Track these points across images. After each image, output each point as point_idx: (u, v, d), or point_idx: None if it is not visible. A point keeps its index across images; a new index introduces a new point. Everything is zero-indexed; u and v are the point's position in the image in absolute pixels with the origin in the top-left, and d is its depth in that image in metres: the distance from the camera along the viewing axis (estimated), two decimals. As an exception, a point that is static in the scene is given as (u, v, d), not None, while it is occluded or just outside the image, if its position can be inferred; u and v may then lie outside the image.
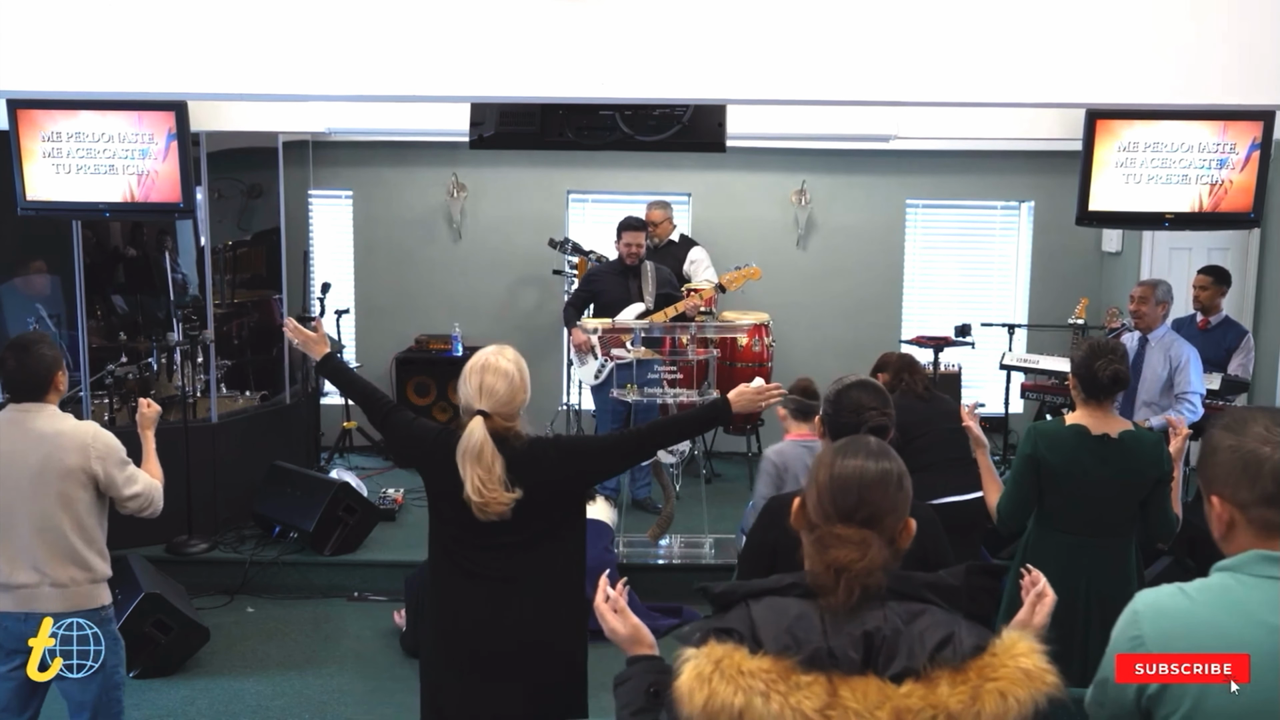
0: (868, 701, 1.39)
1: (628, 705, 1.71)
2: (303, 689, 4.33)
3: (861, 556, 1.48)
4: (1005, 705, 1.39)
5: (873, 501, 1.54)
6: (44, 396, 3.08)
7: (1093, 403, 3.21)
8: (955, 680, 1.40)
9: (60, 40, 3.55)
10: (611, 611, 1.86)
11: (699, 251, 6.75)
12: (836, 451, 1.62)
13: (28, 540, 3.01)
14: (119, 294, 6.20)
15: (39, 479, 3.01)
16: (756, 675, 1.39)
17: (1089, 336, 3.91)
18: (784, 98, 3.59)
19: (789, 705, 1.38)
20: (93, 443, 3.07)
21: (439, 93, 3.64)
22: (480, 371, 2.62)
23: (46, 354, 3.08)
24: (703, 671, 1.41)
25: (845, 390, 2.49)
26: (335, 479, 5.71)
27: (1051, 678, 1.43)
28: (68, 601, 3.04)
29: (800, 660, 1.40)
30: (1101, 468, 3.15)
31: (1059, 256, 7.41)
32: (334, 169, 7.34)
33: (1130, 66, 3.44)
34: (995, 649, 1.44)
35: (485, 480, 2.51)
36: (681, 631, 1.49)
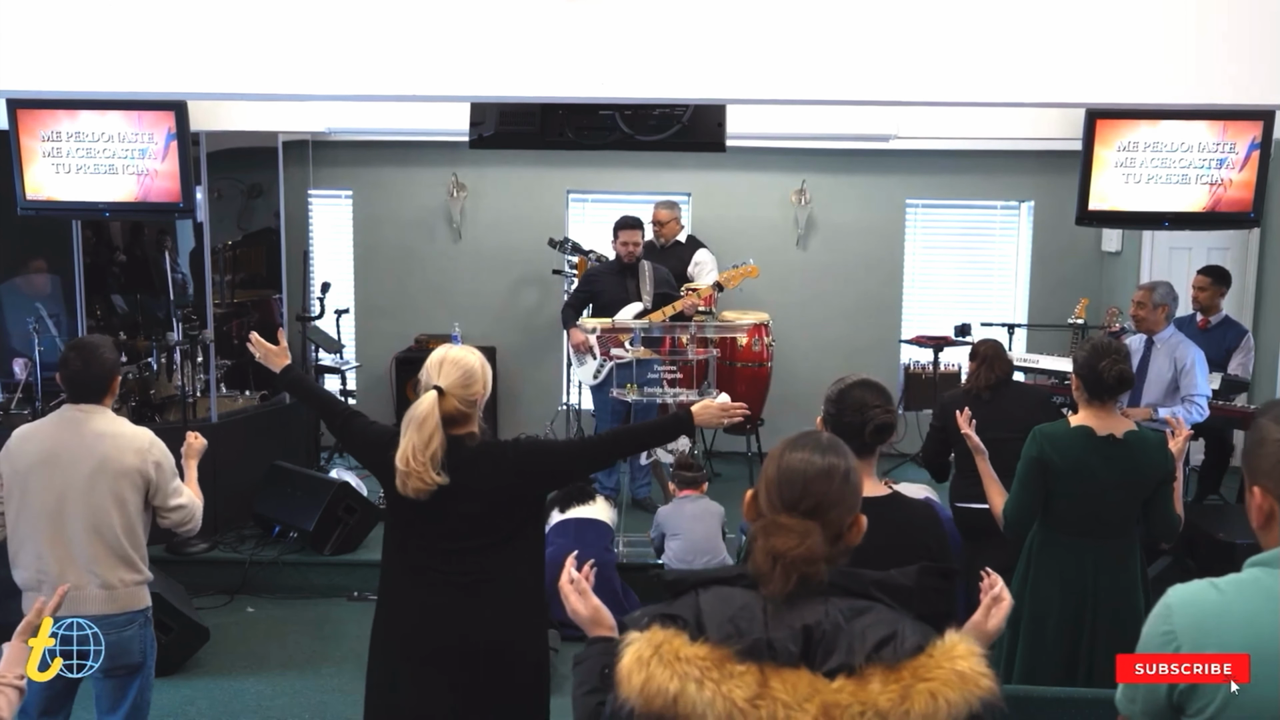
0: (797, 694, 1.40)
1: (582, 684, 1.74)
2: (303, 689, 4.33)
3: (799, 544, 1.50)
4: (935, 706, 1.39)
5: (816, 493, 1.56)
6: (102, 399, 3.11)
7: (1096, 403, 3.20)
8: (888, 678, 1.41)
9: (60, 40, 3.55)
10: (575, 592, 1.89)
11: (704, 254, 6.73)
12: (786, 444, 1.65)
13: (81, 540, 3.03)
14: (119, 294, 6.20)
15: (95, 478, 3.03)
16: (692, 662, 1.41)
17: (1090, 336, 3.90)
18: (784, 98, 3.58)
19: (720, 693, 1.40)
20: (150, 447, 3.11)
21: (439, 93, 3.64)
22: (441, 356, 2.62)
23: (109, 357, 3.11)
24: (642, 655, 1.43)
25: (848, 390, 2.49)
26: (335, 479, 5.70)
27: (987, 681, 1.42)
28: (115, 603, 3.06)
29: (738, 650, 1.42)
30: (1108, 469, 3.14)
31: (1059, 256, 7.41)
32: (334, 169, 7.34)
33: (1130, 66, 3.44)
34: (933, 650, 1.44)
35: (417, 449, 2.47)
36: (631, 616, 1.51)
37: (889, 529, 2.15)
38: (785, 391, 6.91)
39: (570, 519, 4.90)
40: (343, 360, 7.01)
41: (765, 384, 6.81)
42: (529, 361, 7.49)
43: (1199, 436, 5.71)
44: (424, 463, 2.48)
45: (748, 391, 6.75)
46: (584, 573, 1.94)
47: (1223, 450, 5.78)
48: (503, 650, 2.63)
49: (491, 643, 2.61)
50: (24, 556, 3.05)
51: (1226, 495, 5.87)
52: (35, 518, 3.03)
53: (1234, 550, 4.48)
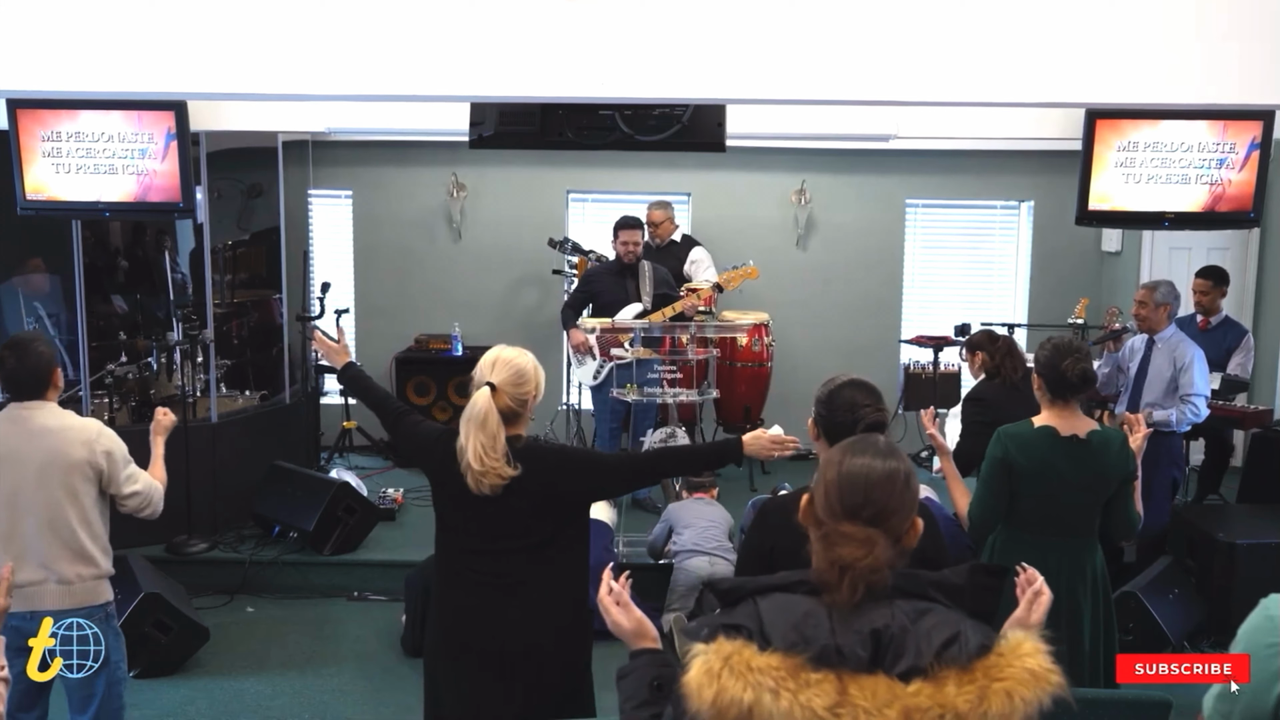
0: (877, 700, 1.39)
1: (631, 698, 1.71)
2: (303, 689, 4.33)
3: (866, 554, 1.48)
4: (1011, 705, 1.40)
5: (879, 500, 1.54)
6: (44, 394, 3.11)
7: (1060, 403, 3.18)
8: (962, 680, 1.41)
9: (60, 40, 3.55)
10: (615, 605, 1.86)
11: (700, 251, 6.75)
12: (845, 449, 1.62)
13: (34, 536, 3.03)
14: (119, 294, 6.19)
15: (45, 473, 3.03)
16: (766, 672, 1.39)
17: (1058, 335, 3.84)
18: (784, 98, 3.58)
19: (798, 703, 1.38)
20: (98, 437, 3.11)
21: (439, 93, 3.64)
22: (495, 357, 2.66)
23: (44, 351, 3.11)
24: (712, 667, 1.40)
25: (838, 390, 2.48)
26: (335, 479, 5.71)
27: (1056, 678, 1.43)
28: (72, 598, 3.05)
29: (809, 658, 1.41)
30: (1072, 469, 3.13)
31: (1059, 256, 7.41)
32: (334, 169, 7.34)
33: (1130, 66, 3.44)
34: (1001, 649, 1.44)
35: (487, 447, 2.51)
36: (689, 627, 1.49)
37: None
38: (785, 391, 6.91)
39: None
40: (343, 360, 7.00)
41: (765, 384, 6.81)
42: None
43: (1199, 436, 5.71)
44: (497, 458, 2.52)
45: (748, 391, 6.76)
46: (621, 583, 1.91)
47: (1223, 450, 5.78)
48: (536, 653, 2.63)
49: (526, 645, 2.62)
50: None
51: (1226, 495, 5.87)
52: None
53: (1234, 551, 4.49)
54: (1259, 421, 5.59)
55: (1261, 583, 1.98)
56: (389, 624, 4.88)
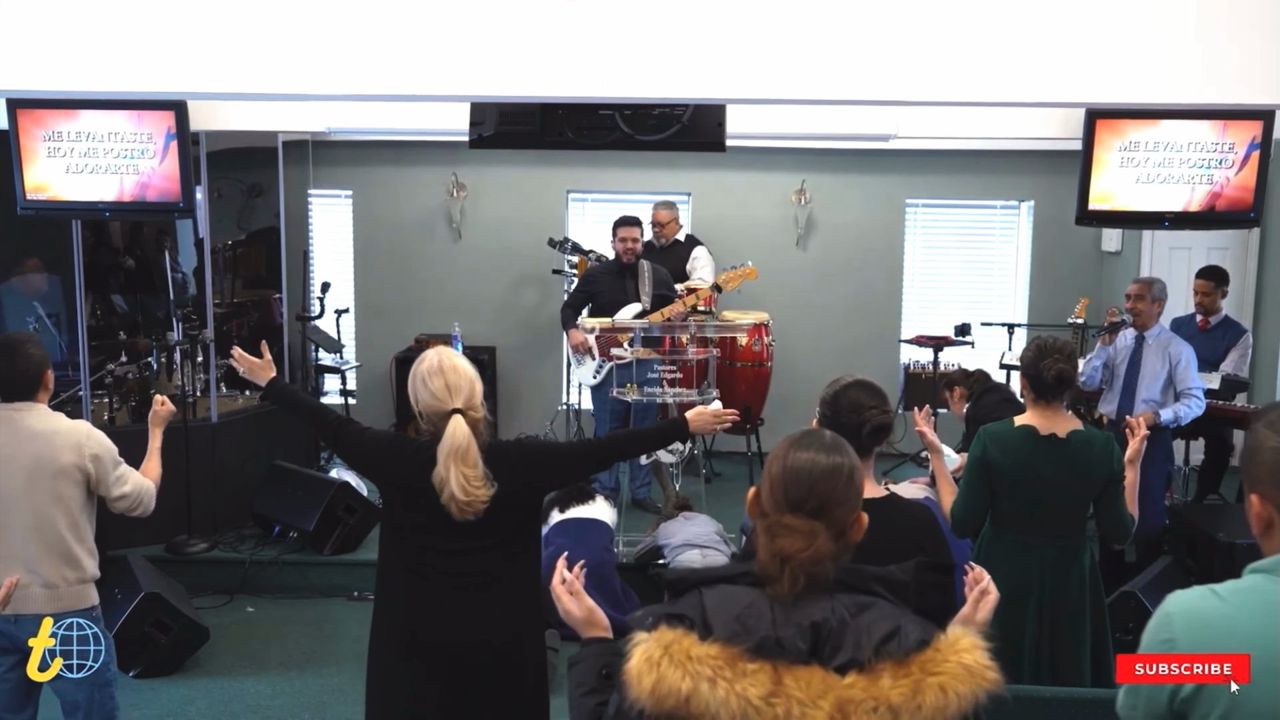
0: (811, 691, 1.41)
1: (580, 685, 1.73)
2: (303, 689, 4.33)
3: (807, 546, 1.50)
4: (945, 699, 1.41)
5: (822, 493, 1.56)
6: (34, 395, 3.09)
7: (1042, 402, 3.19)
8: (898, 673, 1.42)
9: (60, 40, 3.55)
10: (567, 594, 1.88)
11: (701, 250, 6.75)
12: (790, 443, 1.65)
13: (21, 540, 3.01)
14: (119, 294, 6.19)
15: (33, 476, 3.02)
16: (704, 661, 1.41)
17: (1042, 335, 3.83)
18: (784, 98, 3.58)
19: (734, 692, 1.40)
20: (86, 440, 3.09)
21: (439, 93, 3.64)
22: (440, 373, 2.63)
23: (35, 353, 3.09)
24: (652, 656, 1.43)
25: (843, 390, 2.48)
26: (335, 478, 5.70)
27: (992, 674, 1.44)
28: (58, 602, 3.04)
29: (748, 648, 1.43)
30: (1050, 468, 3.14)
31: (1059, 256, 7.41)
32: (334, 169, 7.34)
33: (1130, 66, 3.44)
34: (939, 644, 1.45)
35: (470, 478, 2.51)
36: (635, 616, 1.51)
37: (885, 531, 2.14)
38: (785, 391, 6.91)
39: (570, 519, 4.90)
40: (342, 360, 7.02)
41: (765, 384, 6.81)
42: (529, 361, 7.49)
43: (1199, 436, 5.72)
44: (480, 486, 2.52)
45: (748, 391, 6.75)
46: (575, 573, 1.94)
47: (1222, 450, 5.78)
48: (502, 650, 2.63)
49: (492, 643, 2.61)
50: None
51: (1226, 495, 5.87)
52: None
53: (1234, 550, 4.48)
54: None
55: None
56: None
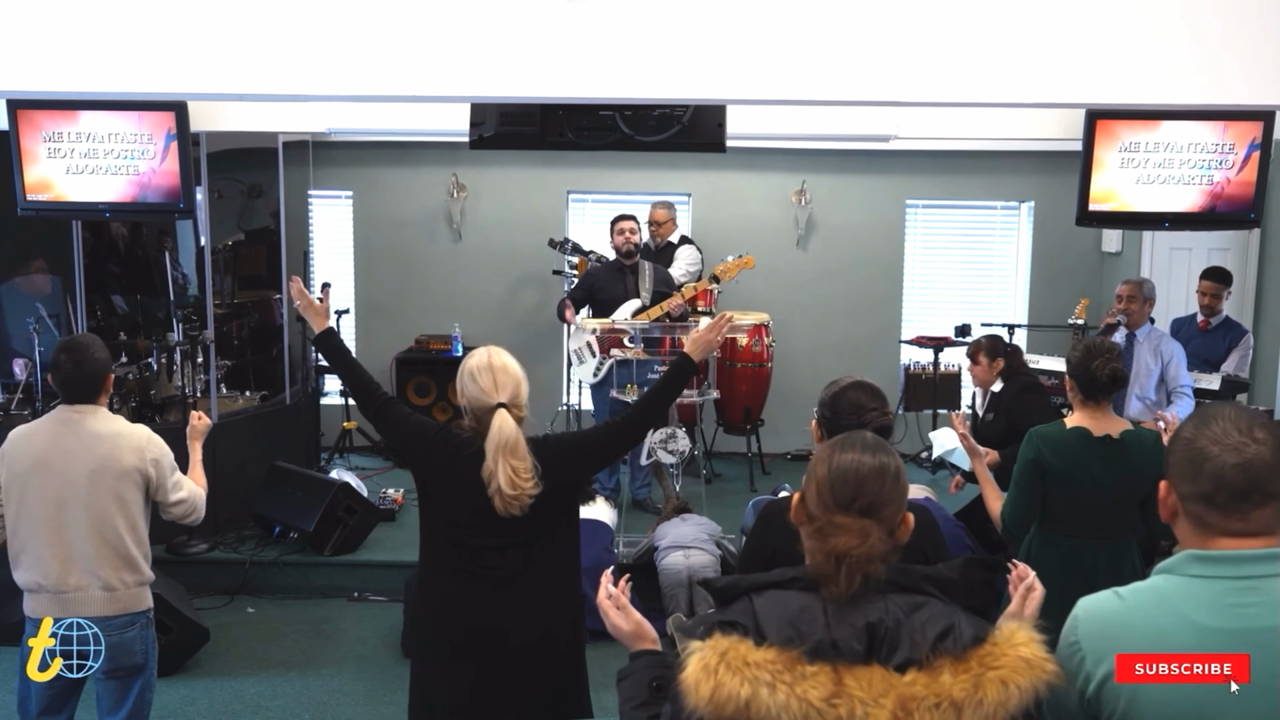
0: (873, 690, 1.40)
1: (631, 699, 1.72)
2: (303, 689, 4.33)
3: (862, 543, 1.50)
4: (1007, 692, 1.41)
5: (871, 491, 1.56)
6: (96, 398, 3.10)
7: (1091, 403, 3.19)
8: (958, 669, 1.42)
9: (60, 40, 3.56)
10: (614, 608, 1.87)
11: (685, 249, 6.71)
12: (834, 446, 1.64)
13: (83, 542, 3.01)
14: (119, 294, 6.20)
15: (96, 479, 3.02)
16: (762, 666, 1.40)
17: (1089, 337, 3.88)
18: (784, 98, 3.59)
19: (795, 695, 1.39)
20: (148, 445, 3.10)
21: (439, 93, 3.65)
22: (489, 370, 2.63)
23: (100, 356, 3.10)
24: (709, 663, 1.42)
25: (842, 392, 2.48)
26: (335, 479, 5.70)
27: (1051, 665, 1.45)
28: (116, 604, 3.05)
29: (804, 651, 1.42)
30: (1105, 470, 3.13)
31: (1059, 256, 7.41)
32: (334, 169, 7.34)
33: (1130, 66, 3.45)
34: (995, 639, 1.46)
35: (519, 470, 2.51)
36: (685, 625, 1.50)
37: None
38: (785, 391, 6.91)
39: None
40: (343, 360, 7.00)
41: (765, 384, 6.81)
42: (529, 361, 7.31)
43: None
44: (529, 479, 2.52)
45: (748, 392, 6.76)
46: (620, 587, 1.93)
47: (1223, 450, 5.77)
48: (536, 644, 2.63)
49: (525, 637, 2.62)
50: (25, 559, 3.04)
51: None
52: (35, 521, 3.02)
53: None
54: (1259, 422, 5.58)
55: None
56: (389, 624, 4.88)
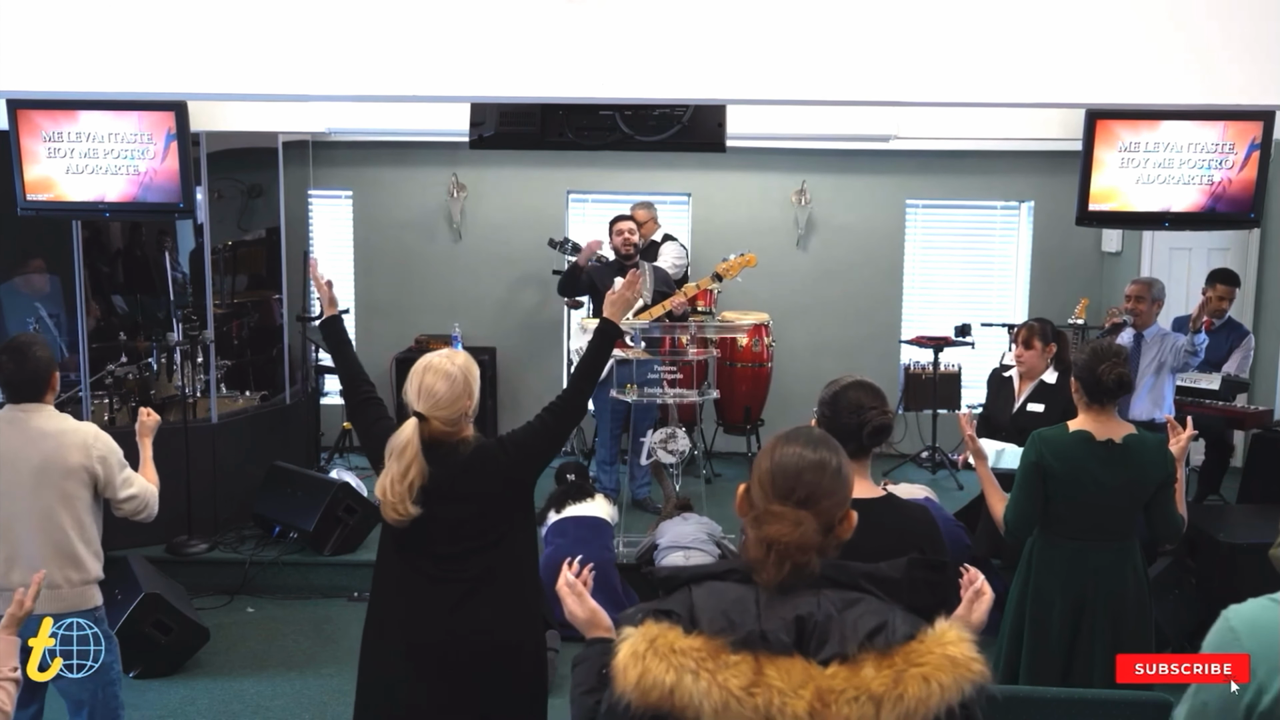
0: (792, 681, 1.42)
1: (580, 684, 1.75)
2: (303, 689, 4.33)
3: (793, 531, 1.52)
4: (928, 689, 1.42)
5: (809, 483, 1.60)
6: (42, 396, 3.11)
7: (1096, 407, 3.19)
8: (880, 664, 1.43)
9: (60, 40, 3.56)
10: (572, 595, 1.91)
11: (669, 245, 6.68)
12: (778, 440, 1.68)
13: (27, 540, 3.03)
14: (119, 294, 6.19)
15: (41, 477, 3.03)
16: (688, 654, 1.43)
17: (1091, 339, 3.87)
18: (784, 98, 3.58)
19: (716, 683, 1.41)
20: (94, 442, 3.11)
21: (439, 93, 3.65)
22: (422, 372, 2.60)
23: (41, 355, 3.11)
24: (637, 649, 1.45)
25: (842, 391, 2.48)
26: (335, 479, 5.70)
27: (978, 666, 1.44)
28: (60, 603, 3.05)
29: (732, 641, 1.44)
30: (1108, 473, 3.13)
31: (1059, 256, 7.41)
32: (334, 169, 7.34)
33: (1130, 66, 3.44)
34: (924, 636, 1.46)
35: (395, 481, 2.47)
36: (625, 613, 1.53)
37: (883, 531, 2.14)
38: (785, 391, 6.91)
39: (568, 518, 4.90)
40: (343, 360, 7.00)
41: (765, 384, 6.81)
42: (529, 361, 7.49)
43: (1199, 437, 5.71)
44: (401, 494, 2.48)
45: (748, 392, 6.75)
46: (582, 575, 1.96)
47: (1223, 451, 5.78)
48: (496, 651, 2.62)
49: (488, 643, 2.61)
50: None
51: (1227, 496, 5.87)
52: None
53: (1234, 551, 4.48)
54: (1259, 422, 5.59)
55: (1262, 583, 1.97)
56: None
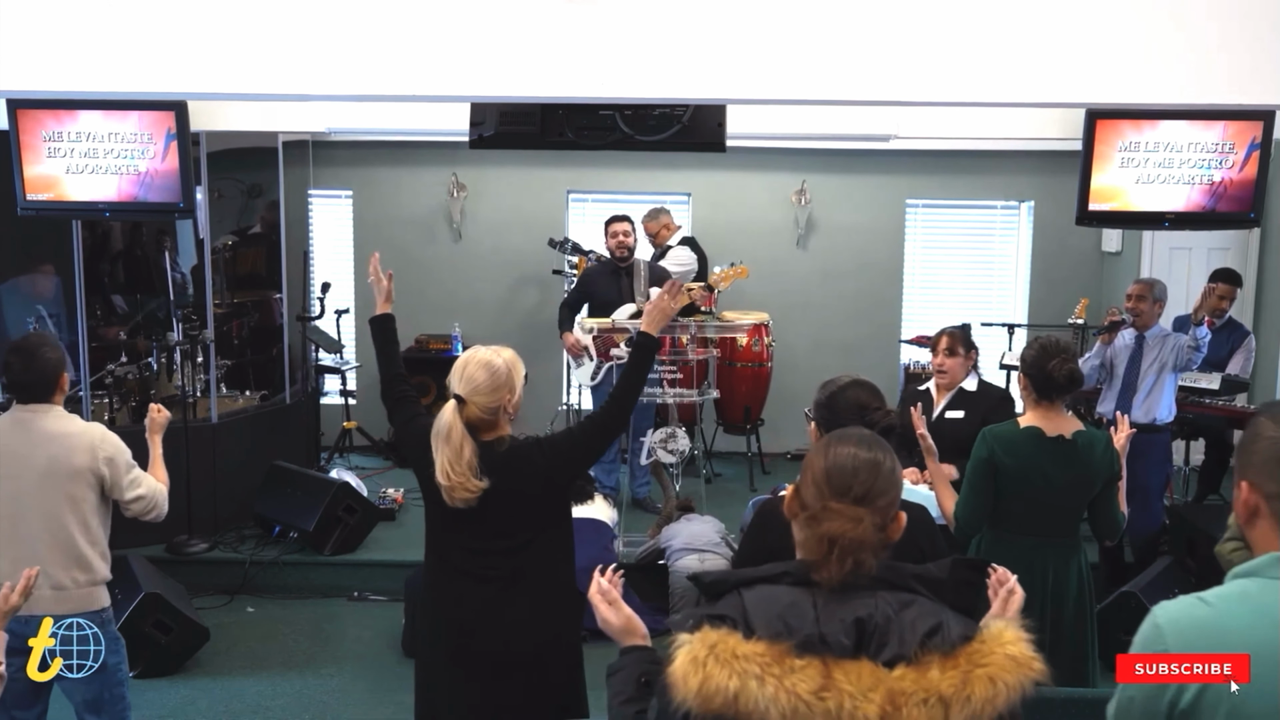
0: (861, 684, 1.41)
1: (619, 694, 1.73)
2: (303, 689, 4.33)
3: (854, 527, 1.51)
4: (994, 689, 1.42)
5: (865, 482, 1.58)
6: (50, 398, 3.10)
7: (1045, 403, 3.18)
8: (946, 665, 1.43)
9: (60, 40, 3.55)
10: (605, 603, 1.87)
11: (678, 250, 6.68)
12: (830, 441, 1.66)
13: (34, 541, 3.02)
14: (119, 294, 6.19)
15: (47, 479, 3.03)
16: (751, 659, 1.41)
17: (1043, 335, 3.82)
18: (784, 98, 3.58)
19: (784, 688, 1.39)
20: (101, 443, 3.09)
21: (439, 93, 3.64)
22: (466, 362, 2.64)
23: (51, 356, 3.10)
24: (697, 656, 1.42)
25: (841, 392, 2.46)
26: (335, 479, 5.71)
27: (1038, 664, 1.46)
28: (67, 604, 3.05)
29: (793, 645, 1.43)
30: (1057, 469, 3.14)
31: (1059, 256, 7.41)
32: (334, 169, 7.34)
33: (1130, 66, 3.44)
34: (983, 637, 1.47)
35: (453, 462, 2.51)
36: (675, 619, 1.51)
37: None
38: (785, 391, 6.90)
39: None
40: (342, 360, 7.02)
41: (765, 384, 6.81)
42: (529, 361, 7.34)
43: (1199, 436, 5.72)
44: (463, 472, 2.51)
45: (747, 391, 6.75)
46: (611, 580, 1.93)
47: (1223, 450, 5.78)
48: (529, 648, 2.64)
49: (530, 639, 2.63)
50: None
51: (1226, 495, 5.87)
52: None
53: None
54: (1258, 422, 5.58)
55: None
56: (389, 624, 4.88)
